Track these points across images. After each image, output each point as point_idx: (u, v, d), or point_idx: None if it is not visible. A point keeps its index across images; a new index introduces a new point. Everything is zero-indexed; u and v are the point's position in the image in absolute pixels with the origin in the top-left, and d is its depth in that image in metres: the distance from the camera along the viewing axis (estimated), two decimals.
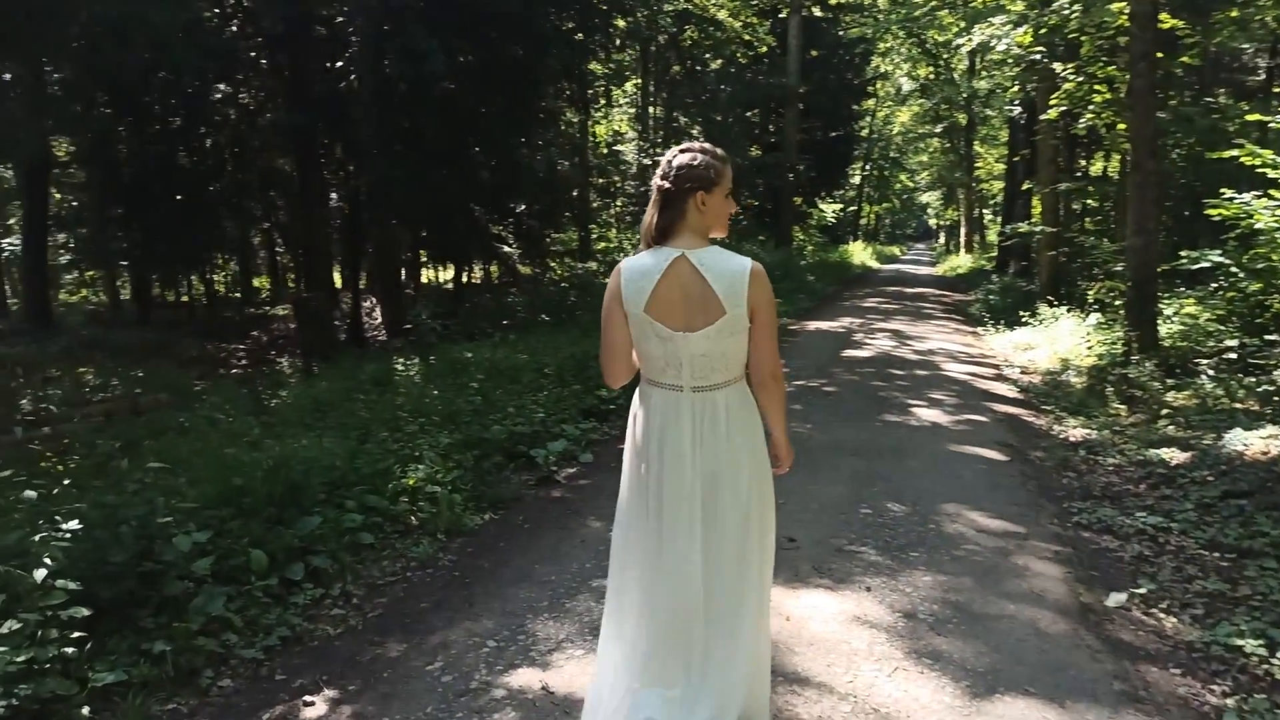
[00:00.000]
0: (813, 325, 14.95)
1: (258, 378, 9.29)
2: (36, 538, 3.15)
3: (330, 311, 12.36)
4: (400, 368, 8.18)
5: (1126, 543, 4.73)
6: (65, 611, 3.08)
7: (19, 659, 2.79)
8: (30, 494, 3.51)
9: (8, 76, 11.26)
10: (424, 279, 21.20)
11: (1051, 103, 12.35)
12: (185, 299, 17.59)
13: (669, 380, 2.54)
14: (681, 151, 2.51)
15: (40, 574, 2.98)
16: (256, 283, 23.53)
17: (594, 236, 22.51)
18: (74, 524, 3.24)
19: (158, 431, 6.21)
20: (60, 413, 7.53)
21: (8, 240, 19.63)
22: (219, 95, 11.45)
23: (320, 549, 4.18)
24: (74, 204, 14.86)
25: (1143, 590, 4.07)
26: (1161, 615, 3.86)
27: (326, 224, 12.79)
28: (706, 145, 2.55)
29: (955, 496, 5.45)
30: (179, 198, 11.13)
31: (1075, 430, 7.53)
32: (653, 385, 2.58)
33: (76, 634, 3.08)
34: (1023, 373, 10.55)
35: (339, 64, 12.16)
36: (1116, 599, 4.01)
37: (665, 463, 2.54)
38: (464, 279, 16.75)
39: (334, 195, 15.61)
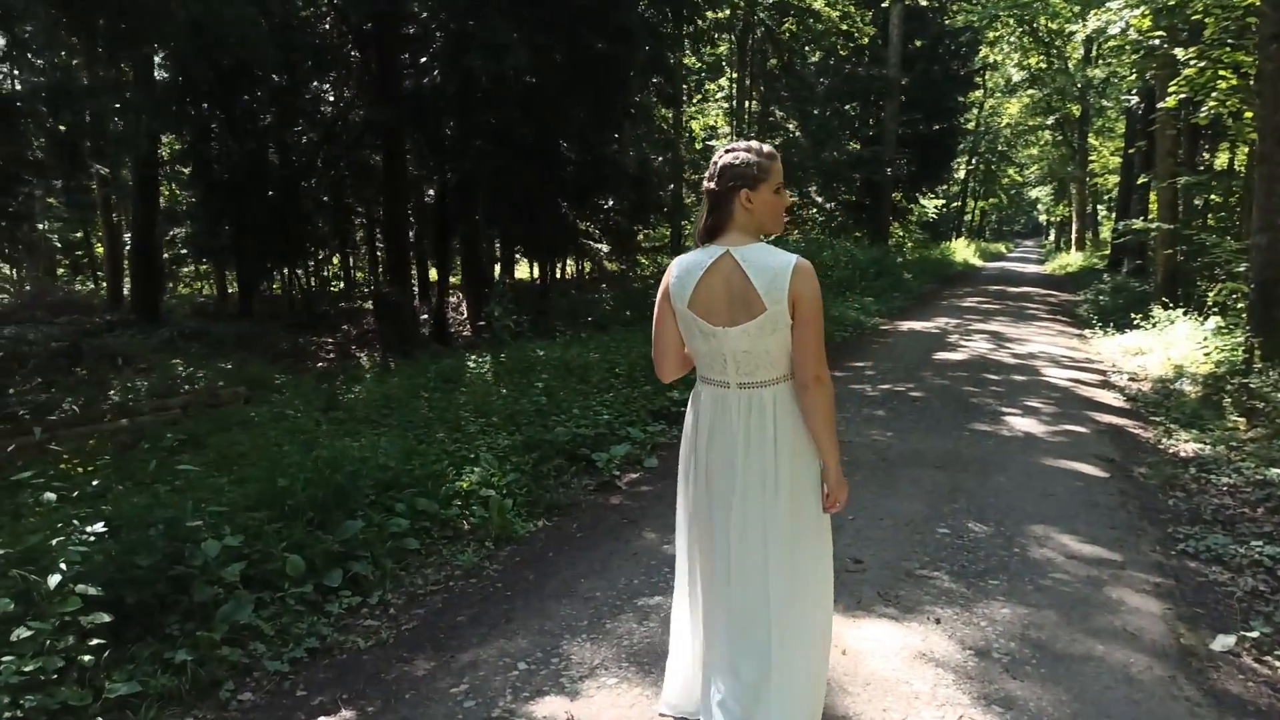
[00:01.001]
0: (906, 325, 14.38)
1: (340, 372, 9.35)
2: (54, 541, 3.07)
3: (409, 307, 12.43)
4: (472, 365, 8.09)
5: (1239, 576, 4.25)
6: (85, 618, 3.00)
7: (27, 668, 2.71)
8: (50, 496, 3.46)
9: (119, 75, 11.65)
10: (518, 275, 21.30)
11: (1171, 90, 11.50)
12: (287, 292, 18.02)
13: (716, 376, 2.55)
14: (726, 152, 2.51)
15: (54, 579, 2.90)
16: (360, 276, 24.17)
17: (686, 233, 22.26)
18: (99, 526, 3.16)
19: (225, 426, 6.23)
20: (140, 404, 7.69)
21: (126, 235, 20.54)
22: (309, 93, 11.61)
23: (363, 554, 4.06)
24: (182, 201, 15.36)
25: (1255, 633, 3.61)
26: (1277, 663, 3.41)
27: (407, 219, 12.86)
28: (753, 143, 2.53)
29: (1045, 516, 5.02)
30: (270, 193, 11.31)
31: (1186, 445, 6.94)
32: (703, 382, 2.61)
33: (95, 641, 3.00)
34: (1131, 380, 9.87)
35: (424, 59, 12.18)
36: (1224, 642, 3.57)
37: (714, 460, 2.56)
38: (551, 275, 16.67)
39: (429, 192, 15.79)
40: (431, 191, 15.55)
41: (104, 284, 19.94)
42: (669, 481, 5.82)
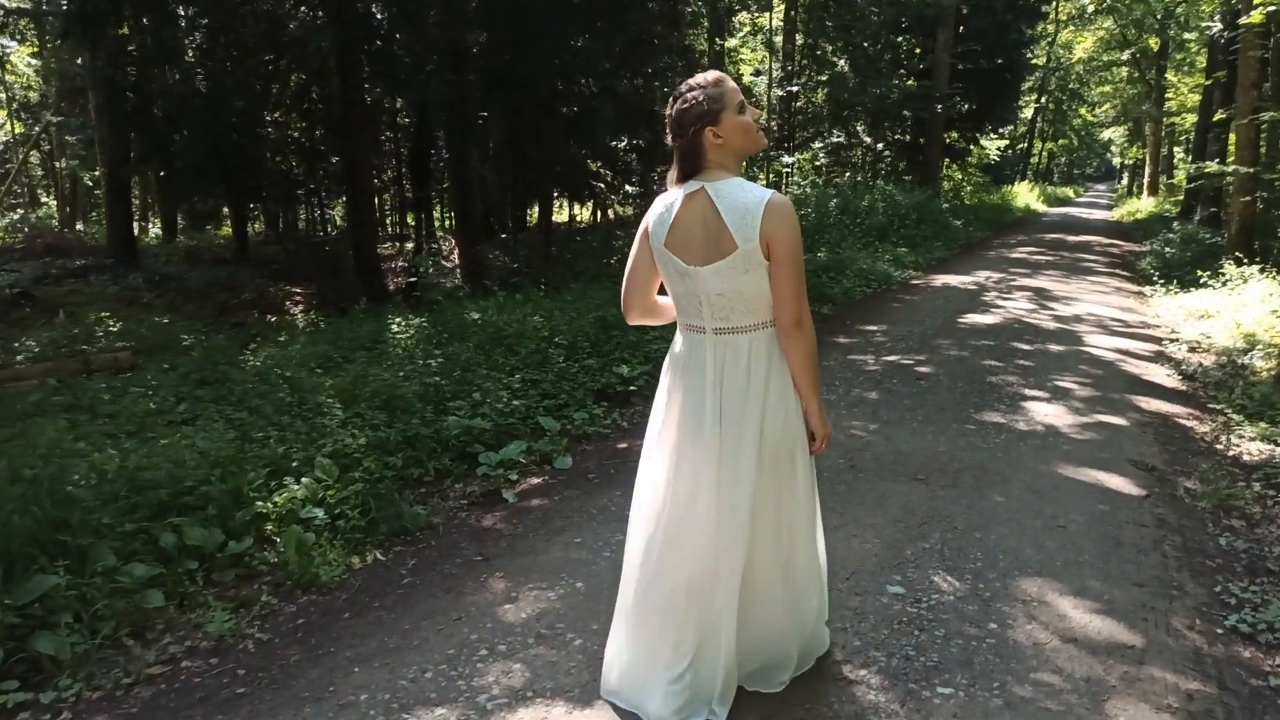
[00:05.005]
0: (940, 280, 12.86)
1: (263, 331, 8.29)
2: None
3: (348, 258, 11.27)
4: (396, 329, 6.92)
5: None
6: None
7: None
8: None
9: None
10: (529, 220, 19.99)
11: (1257, 2, 9.69)
12: (276, 236, 16.97)
13: (693, 322, 2.50)
14: (675, 99, 2.41)
15: None
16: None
17: None
18: None
19: (46, 408, 5.16)
20: (14, 365, 6.73)
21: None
22: (250, 12, 10.30)
23: (60, 620, 2.94)
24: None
25: None
26: None
27: (369, 158, 11.61)
28: (695, 79, 2.42)
29: (1045, 564, 3.71)
30: (205, 128, 10.13)
31: (1251, 445, 5.54)
32: (680, 329, 2.56)
33: None
34: (1191, 351, 8.36)
35: None
36: None
37: (681, 407, 2.50)
38: (548, 220, 15.35)
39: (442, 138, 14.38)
40: (443, 138, 14.27)
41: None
42: (574, 490, 4.63)
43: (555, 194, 14.98)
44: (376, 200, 19.07)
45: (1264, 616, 3.33)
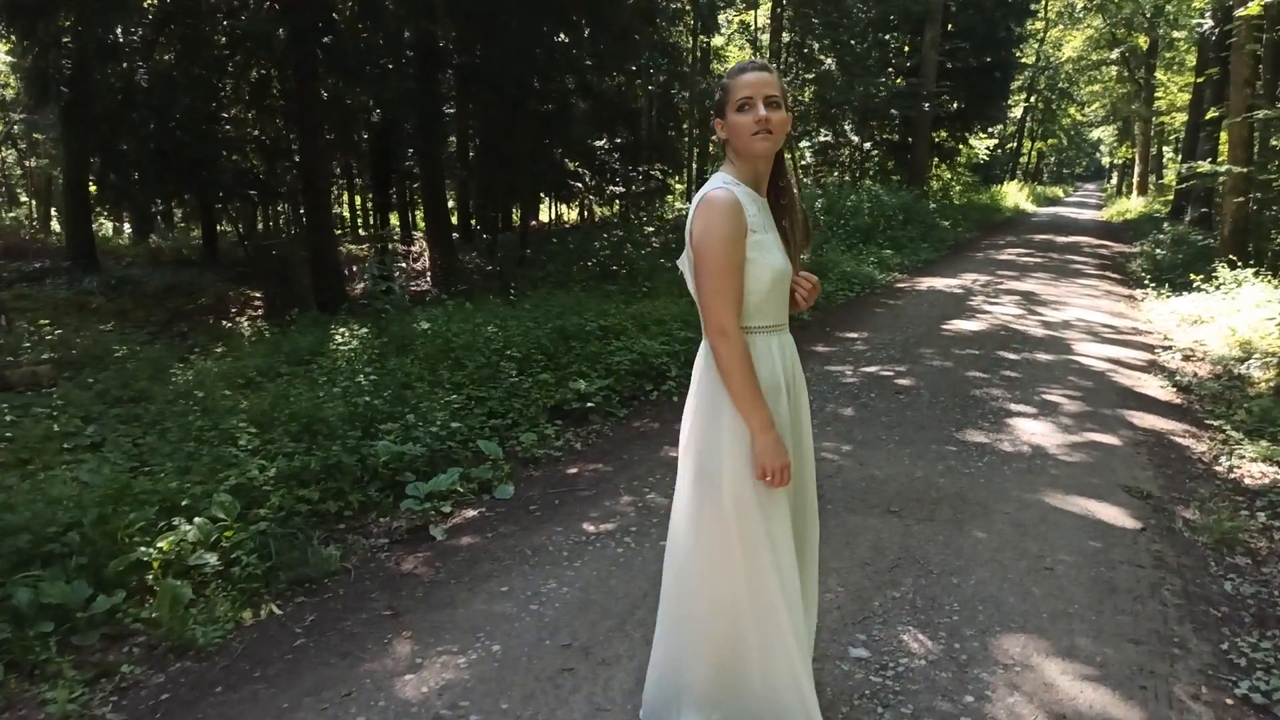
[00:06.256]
0: (925, 283, 12.44)
1: (207, 340, 7.80)
2: None
3: (296, 264, 10.77)
4: (340, 340, 6.46)
5: None
6: None
7: None
8: None
9: None
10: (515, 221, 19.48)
11: None
12: (241, 238, 16.37)
13: None
14: None
15: None
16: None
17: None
18: None
19: None
20: None
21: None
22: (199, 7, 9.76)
23: None
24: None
25: None
26: None
27: (327, 157, 11.10)
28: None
29: (1029, 617, 3.27)
30: (151, 124, 9.63)
31: (1252, 466, 5.13)
32: None
33: None
34: (1185, 359, 7.95)
35: None
36: None
37: None
38: (524, 223, 14.87)
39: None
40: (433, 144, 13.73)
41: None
42: (512, 525, 4.18)
43: (539, 195, 14.49)
44: (359, 200, 18.56)
45: (1279, 683, 2.91)
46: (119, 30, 9.59)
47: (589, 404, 5.81)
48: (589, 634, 3.09)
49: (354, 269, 14.06)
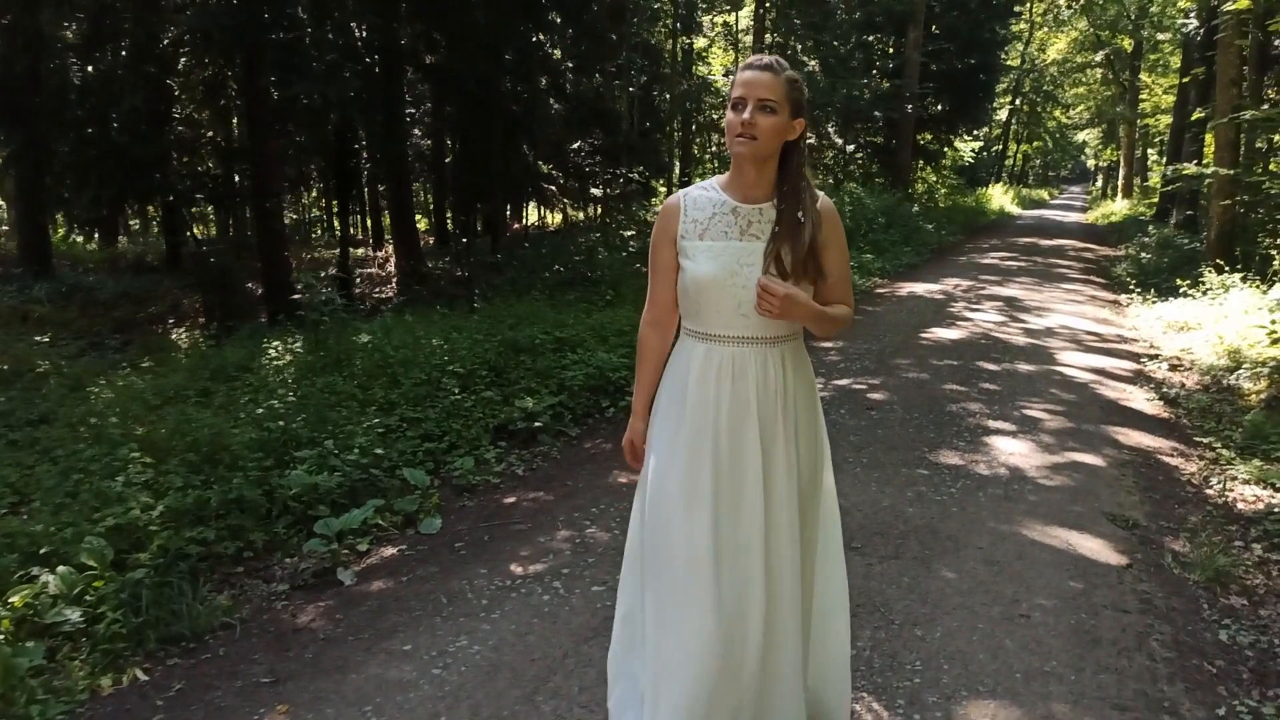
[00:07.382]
0: (906, 289, 12.08)
1: (142, 352, 7.36)
2: None
3: (235, 270, 10.33)
4: (273, 354, 6.02)
5: None
6: None
7: None
8: None
9: None
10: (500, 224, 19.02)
11: None
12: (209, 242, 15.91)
13: None
14: None
15: None
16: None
17: (700, 178, 19.83)
18: None
19: None
20: None
21: None
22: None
23: None
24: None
25: None
26: None
27: (278, 159, 10.64)
28: None
29: (1001, 676, 2.88)
30: (89, 126, 9.17)
31: (1245, 488, 4.78)
32: None
33: None
34: (1172, 369, 7.61)
35: None
36: None
37: None
38: (498, 227, 14.45)
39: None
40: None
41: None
42: (432, 566, 3.76)
43: (510, 197, 14.08)
44: (334, 204, 18.00)
45: None
46: (52, 24, 9.14)
47: (537, 423, 5.40)
48: (492, 707, 2.68)
49: (321, 276, 13.65)
